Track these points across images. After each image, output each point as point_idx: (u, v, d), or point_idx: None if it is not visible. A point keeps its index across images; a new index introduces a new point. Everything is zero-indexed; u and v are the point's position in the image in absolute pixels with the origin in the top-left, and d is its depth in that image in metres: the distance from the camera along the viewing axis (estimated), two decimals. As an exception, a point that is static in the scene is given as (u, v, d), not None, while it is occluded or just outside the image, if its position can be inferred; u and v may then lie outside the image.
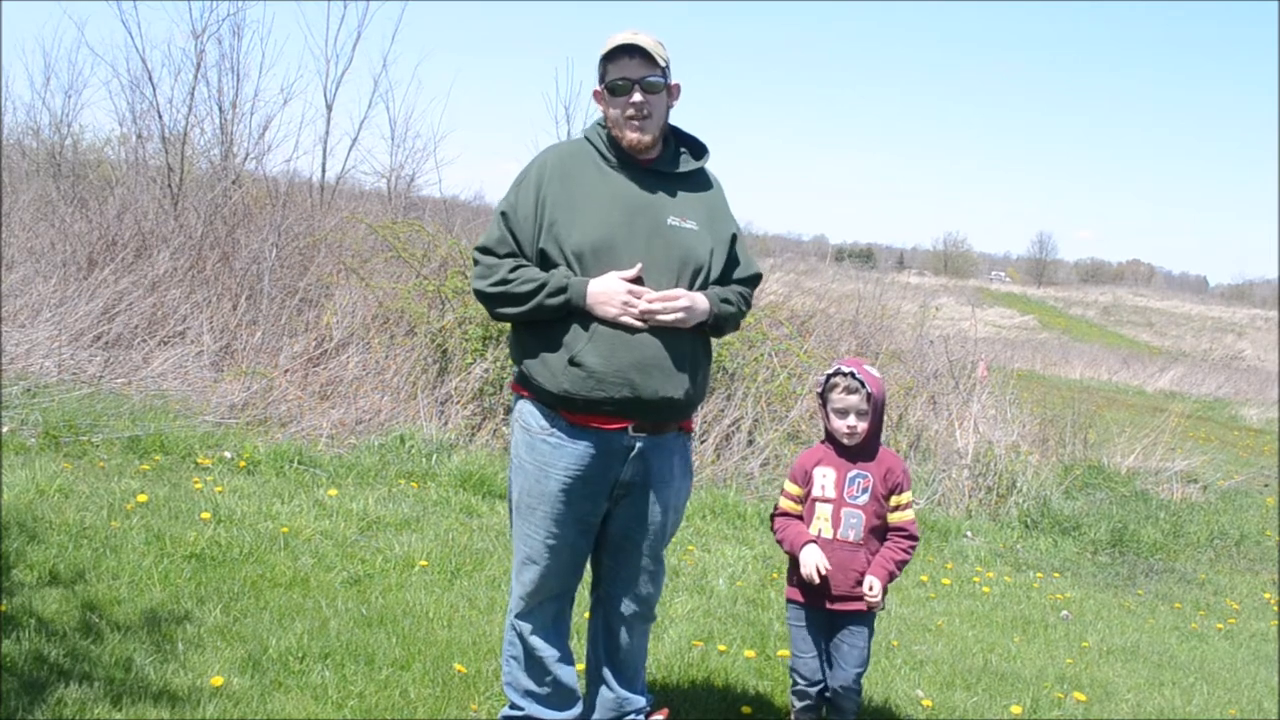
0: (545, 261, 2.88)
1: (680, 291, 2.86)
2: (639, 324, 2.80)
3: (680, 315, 2.84)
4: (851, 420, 3.23)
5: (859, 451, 3.28)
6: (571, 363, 2.82)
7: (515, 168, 3.04)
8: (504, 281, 2.86)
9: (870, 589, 3.21)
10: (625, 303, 2.79)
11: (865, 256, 62.26)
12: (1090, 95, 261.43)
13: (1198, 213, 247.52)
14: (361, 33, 13.07)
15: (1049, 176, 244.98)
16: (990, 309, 49.59)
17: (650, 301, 2.81)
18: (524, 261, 2.89)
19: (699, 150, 3.09)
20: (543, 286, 2.82)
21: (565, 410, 2.88)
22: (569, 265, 2.85)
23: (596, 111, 3.04)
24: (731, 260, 3.07)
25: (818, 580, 3.20)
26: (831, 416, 3.27)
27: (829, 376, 3.28)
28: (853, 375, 3.21)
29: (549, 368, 2.86)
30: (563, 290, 2.80)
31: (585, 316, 2.81)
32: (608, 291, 2.79)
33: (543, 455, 2.92)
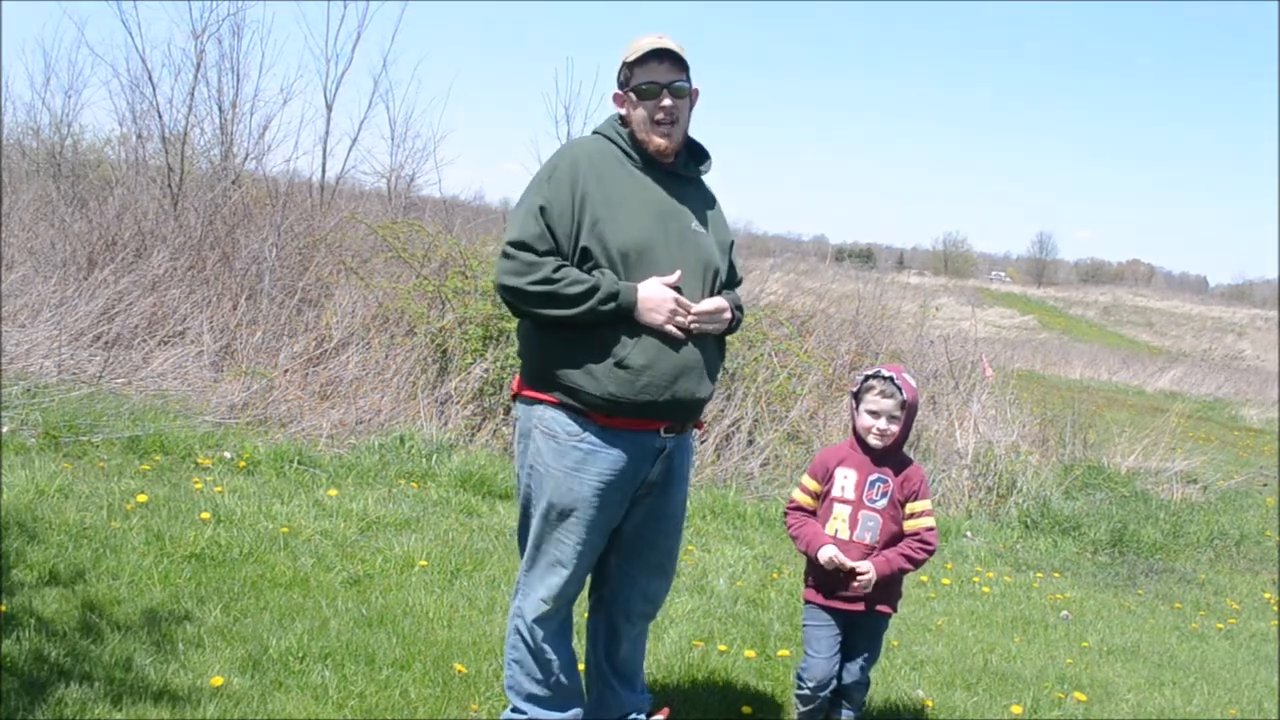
0: (584, 259, 2.83)
1: (722, 303, 2.93)
2: (680, 335, 2.84)
3: (721, 326, 2.94)
4: (883, 423, 3.25)
5: (884, 456, 3.30)
6: (619, 365, 2.80)
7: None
8: (548, 281, 2.77)
9: (862, 571, 3.22)
10: (673, 310, 2.81)
11: (865, 256, 62.24)
12: (1090, 95, 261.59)
13: (1198, 213, 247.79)
14: (361, 33, 13.04)
15: (1049, 176, 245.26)
16: (990, 309, 49.62)
17: (697, 314, 2.85)
18: (565, 261, 2.82)
19: (701, 155, 3.11)
20: (594, 290, 2.76)
21: (601, 415, 2.85)
22: (612, 265, 2.82)
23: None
24: (730, 266, 3.14)
25: (836, 564, 3.22)
26: (863, 416, 3.29)
27: (867, 377, 3.29)
28: (891, 380, 3.24)
29: (590, 372, 2.82)
30: (614, 296, 2.77)
31: (631, 321, 2.81)
32: (655, 299, 2.80)
33: (575, 461, 2.88)
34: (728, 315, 2.96)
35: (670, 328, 2.81)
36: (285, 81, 36.33)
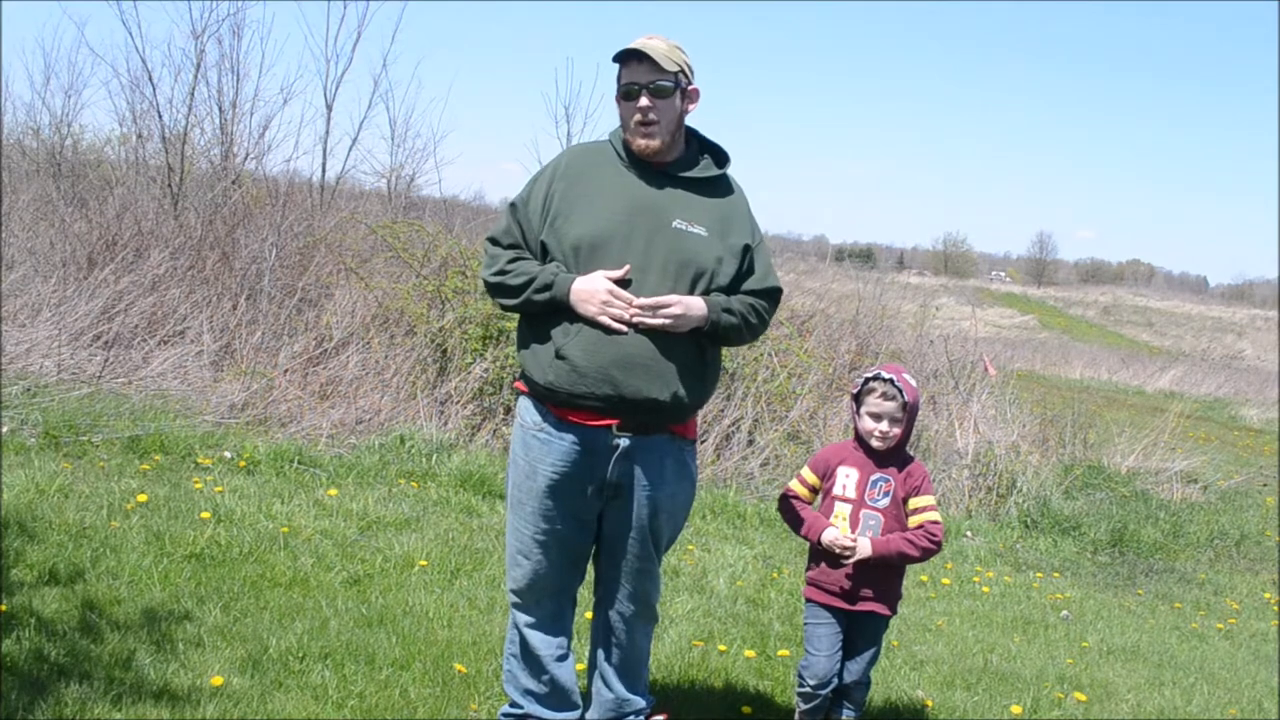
0: (545, 254, 2.93)
1: (674, 298, 2.82)
2: (617, 326, 2.80)
3: (668, 322, 2.82)
4: (885, 426, 3.25)
5: (886, 455, 3.30)
6: (558, 356, 2.85)
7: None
8: (502, 272, 2.93)
9: (852, 542, 3.22)
10: (604, 302, 2.79)
11: (865, 256, 62.19)
12: (1091, 95, 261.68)
13: (1198, 213, 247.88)
14: (361, 33, 13.08)
15: (1049, 176, 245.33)
16: (990, 309, 49.57)
17: (640, 307, 2.79)
18: (523, 254, 2.94)
19: (721, 158, 3.07)
20: (532, 280, 2.87)
21: (551, 404, 2.91)
22: (565, 259, 2.88)
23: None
24: (746, 271, 2.99)
25: (839, 545, 3.22)
26: (864, 418, 3.28)
27: (867, 380, 3.29)
28: (891, 382, 3.23)
29: (538, 360, 2.91)
30: (549, 286, 2.85)
31: (573, 312, 2.84)
32: (588, 290, 2.81)
33: (533, 451, 2.95)
34: (677, 311, 2.81)
35: (604, 319, 2.80)
36: (285, 81, 36.43)
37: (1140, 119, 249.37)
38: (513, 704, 3.15)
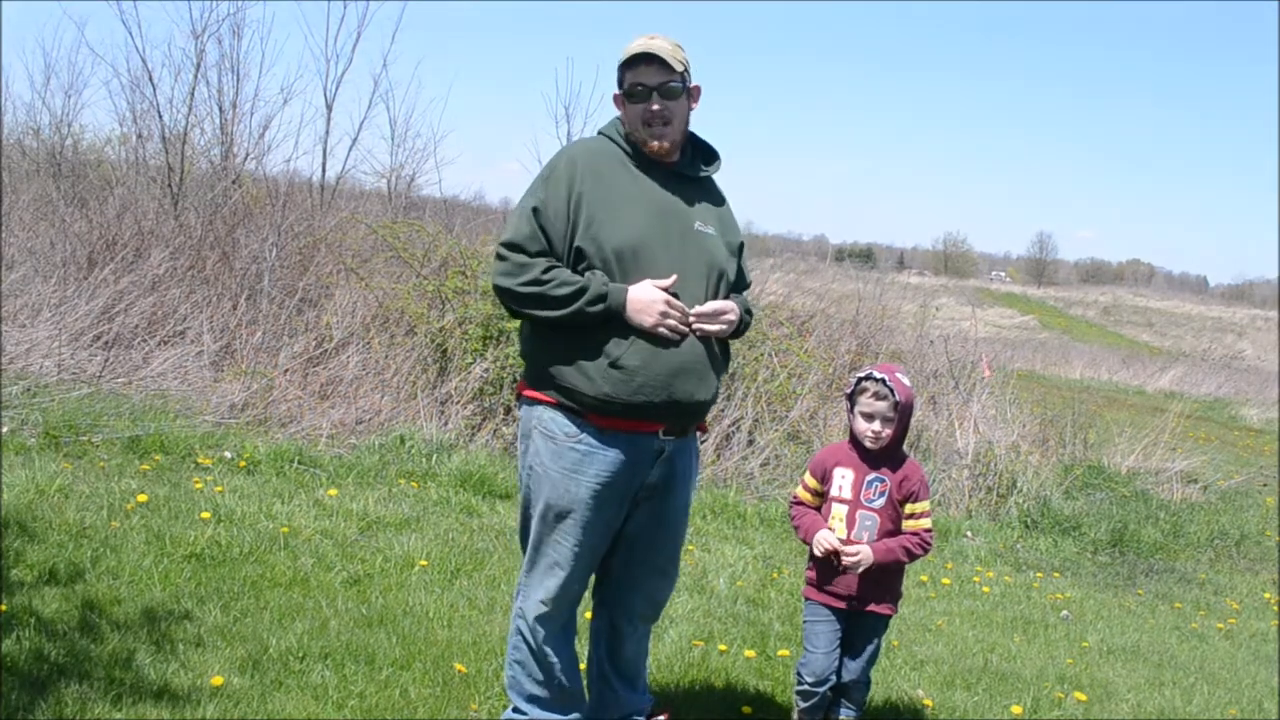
0: (579, 260, 2.83)
1: (729, 305, 2.91)
2: (673, 336, 2.81)
3: (725, 328, 2.90)
4: (877, 425, 3.25)
5: (881, 456, 3.30)
6: (614, 366, 2.79)
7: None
8: (538, 282, 2.78)
9: (854, 552, 3.22)
10: (663, 313, 2.78)
11: (865, 256, 62.18)
12: (1091, 94, 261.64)
13: (1198, 213, 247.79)
14: (361, 33, 13.11)
15: (1049, 176, 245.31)
16: (990, 309, 49.54)
17: (699, 315, 2.83)
18: (556, 262, 2.82)
19: (710, 156, 3.08)
20: (581, 292, 2.76)
21: (597, 415, 2.84)
22: (606, 265, 2.81)
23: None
24: (739, 270, 3.10)
25: (825, 550, 3.23)
26: (857, 419, 3.29)
27: (859, 379, 3.30)
28: (883, 382, 3.23)
29: (585, 372, 2.81)
30: (602, 298, 2.76)
31: (624, 321, 2.80)
32: (643, 300, 2.78)
33: (572, 462, 2.87)
34: (732, 318, 2.92)
35: (662, 330, 2.79)
36: (285, 81, 36.44)
37: (1141, 118, 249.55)
38: (515, 709, 3.12)
